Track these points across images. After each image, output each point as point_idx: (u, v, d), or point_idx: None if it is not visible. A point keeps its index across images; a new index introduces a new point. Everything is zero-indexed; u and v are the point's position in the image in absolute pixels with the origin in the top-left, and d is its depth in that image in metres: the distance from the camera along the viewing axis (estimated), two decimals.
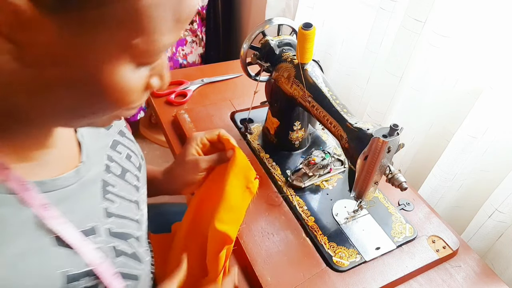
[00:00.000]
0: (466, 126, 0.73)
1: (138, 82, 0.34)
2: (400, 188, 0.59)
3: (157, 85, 0.38)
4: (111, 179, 0.48)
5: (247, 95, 0.98)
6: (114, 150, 0.51)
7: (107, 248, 0.43)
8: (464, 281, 0.65)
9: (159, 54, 0.33)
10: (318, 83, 0.68)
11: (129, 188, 0.51)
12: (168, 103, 0.97)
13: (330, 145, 0.87)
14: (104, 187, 0.46)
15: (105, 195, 0.46)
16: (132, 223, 0.49)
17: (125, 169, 0.52)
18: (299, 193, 0.75)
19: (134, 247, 0.48)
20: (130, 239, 0.47)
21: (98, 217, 0.43)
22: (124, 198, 0.49)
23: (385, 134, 0.55)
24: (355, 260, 0.65)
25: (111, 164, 0.49)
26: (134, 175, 0.53)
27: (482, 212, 0.74)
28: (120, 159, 0.52)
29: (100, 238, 0.42)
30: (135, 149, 0.57)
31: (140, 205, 0.53)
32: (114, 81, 0.31)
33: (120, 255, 0.44)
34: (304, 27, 0.64)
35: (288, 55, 0.74)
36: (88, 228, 0.41)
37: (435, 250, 0.68)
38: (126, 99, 0.33)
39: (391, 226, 0.70)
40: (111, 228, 0.45)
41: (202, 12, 1.68)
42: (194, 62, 1.80)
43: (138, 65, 0.33)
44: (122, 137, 0.55)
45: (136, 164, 0.55)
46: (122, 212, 0.48)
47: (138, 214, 0.51)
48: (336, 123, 0.64)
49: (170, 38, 0.32)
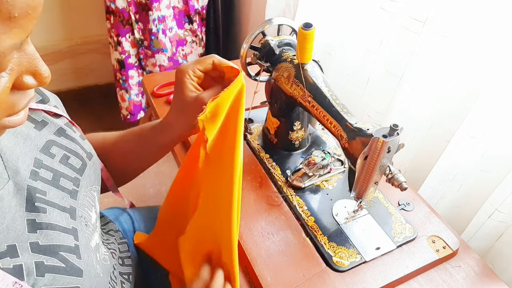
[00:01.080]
0: (466, 126, 0.73)
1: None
2: (400, 188, 0.59)
3: (33, 83, 0.34)
4: (39, 185, 0.44)
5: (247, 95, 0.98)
6: (45, 154, 0.47)
7: (31, 265, 0.40)
8: (464, 281, 0.65)
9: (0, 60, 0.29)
10: (318, 83, 0.68)
11: (63, 194, 0.47)
12: (168, 103, 0.97)
13: (330, 145, 0.87)
14: (31, 195, 0.43)
15: (32, 204, 0.42)
16: (65, 233, 0.45)
17: (58, 173, 0.48)
18: (299, 193, 0.75)
19: (67, 260, 0.44)
20: (62, 252, 0.43)
21: (19, 233, 0.40)
22: (56, 205, 0.45)
23: (385, 134, 0.55)
24: (355, 260, 0.65)
25: (39, 170, 0.45)
26: (71, 178, 0.49)
27: (482, 212, 0.74)
28: (52, 163, 0.48)
29: (21, 256, 0.39)
30: (77, 148, 0.52)
31: (77, 212, 0.49)
32: None
33: (46, 272, 0.41)
34: (304, 27, 0.64)
35: (288, 55, 0.74)
36: (3, 249, 0.38)
37: (435, 250, 0.68)
38: None
39: (391, 226, 0.70)
40: (36, 242, 0.41)
41: (202, 12, 1.68)
42: None
43: None
44: (59, 136, 0.51)
45: (77, 165, 0.51)
46: (54, 221, 0.44)
47: (72, 223, 0.47)
48: (336, 123, 0.64)
49: (7, 40, 0.28)
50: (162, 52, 1.64)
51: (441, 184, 0.82)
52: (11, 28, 0.28)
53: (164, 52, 1.65)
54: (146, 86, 1.02)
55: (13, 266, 0.38)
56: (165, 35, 1.62)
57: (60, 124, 0.52)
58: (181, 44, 1.71)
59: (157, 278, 0.74)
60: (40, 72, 0.34)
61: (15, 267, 0.38)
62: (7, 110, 0.33)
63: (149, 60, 1.68)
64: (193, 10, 1.65)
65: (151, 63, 1.68)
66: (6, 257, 0.38)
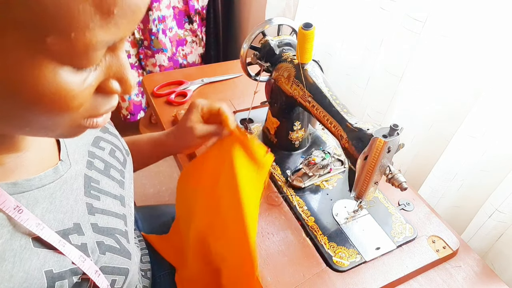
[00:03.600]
0: (466, 126, 0.73)
1: (79, 86, 0.31)
2: (400, 188, 0.59)
3: (117, 89, 0.35)
4: (94, 175, 0.48)
5: (247, 95, 0.99)
6: (96, 147, 0.51)
7: (93, 244, 0.43)
8: (464, 281, 0.65)
9: (89, 53, 0.29)
10: (318, 83, 0.68)
11: (113, 183, 0.51)
12: (168, 103, 0.97)
13: (330, 145, 0.87)
14: (87, 183, 0.46)
15: (88, 191, 0.46)
16: (118, 218, 0.49)
17: (108, 164, 0.51)
18: (299, 193, 0.75)
19: (121, 243, 0.47)
20: (117, 235, 0.47)
21: (81, 214, 0.43)
22: (109, 193, 0.49)
23: (385, 134, 0.55)
24: (355, 260, 0.65)
25: (94, 160, 0.49)
26: (119, 170, 0.53)
27: (482, 212, 0.74)
28: (103, 155, 0.51)
29: (85, 235, 0.42)
30: (119, 144, 0.56)
31: (125, 200, 0.53)
32: (41, 85, 0.29)
33: (107, 251, 0.44)
34: (304, 27, 0.64)
35: (288, 55, 0.74)
36: (70, 226, 0.41)
37: (435, 250, 0.68)
38: (66, 104, 0.31)
39: (391, 226, 0.70)
40: (96, 224, 0.44)
41: (202, 12, 1.68)
42: (194, 62, 1.80)
43: (73, 67, 0.30)
44: (104, 133, 0.54)
45: (121, 159, 0.55)
46: (107, 207, 0.48)
47: (123, 209, 0.51)
48: (336, 123, 0.64)
49: (102, 34, 0.28)
50: (162, 52, 1.64)
51: (441, 184, 0.82)
52: (108, 23, 0.28)
53: (164, 52, 1.65)
54: (146, 86, 1.02)
55: (81, 244, 0.41)
56: (165, 35, 1.62)
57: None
58: (181, 44, 1.71)
59: (159, 277, 0.75)
60: (126, 80, 0.35)
61: (82, 244, 0.41)
62: (89, 110, 0.34)
63: (149, 60, 1.68)
64: (193, 10, 1.65)
65: (151, 63, 1.68)
66: (74, 234, 0.41)
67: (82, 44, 0.28)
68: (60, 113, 0.32)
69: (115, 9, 0.28)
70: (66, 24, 0.26)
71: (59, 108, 0.31)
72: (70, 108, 0.32)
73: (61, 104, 0.31)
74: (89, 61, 0.30)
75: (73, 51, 0.28)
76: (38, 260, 0.36)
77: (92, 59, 0.30)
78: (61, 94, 0.30)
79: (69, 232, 0.40)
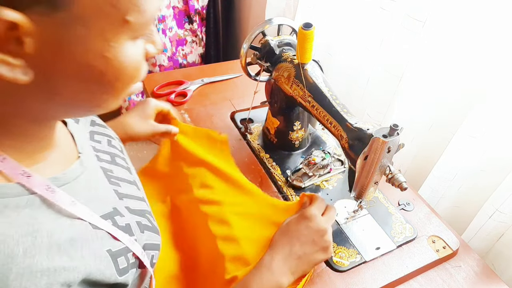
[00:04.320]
0: (466, 126, 0.73)
1: (140, 54, 0.34)
2: (400, 188, 0.59)
3: (153, 52, 0.38)
4: (106, 166, 0.49)
5: (247, 95, 0.98)
6: (94, 141, 0.52)
7: (134, 224, 0.45)
8: (464, 281, 0.65)
9: (152, 22, 0.33)
10: (318, 83, 0.68)
11: (124, 171, 0.52)
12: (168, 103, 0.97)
13: (330, 145, 0.87)
14: (105, 173, 0.47)
15: (109, 179, 0.47)
16: (140, 201, 0.51)
17: (112, 154, 0.52)
18: (299, 193, 0.75)
19: (151, 221, 0.50)
20: (147, 215, 0.49)
21: (114, 199, 0.45)
22: (124, 180, 0.50)
23: (385, 134, 0.55)
24: (355, 260, 0.65)
25: (98, 154, 0.50)
26: (122, 158, 0.54)
27: (483, 212, 0.74)
28: (103, 147, 0.52)
29: (125, 217, 0.44)
30: (111, 133, 0.57)
31: (138, 185, 0.54)
32: (121, 60, 0.32)
33: (145, 230, 0.46)
34: (304, 27, 0.64)
35: (288, 55, 0.74)
36: (110, 210, 0.42)
37: (435, 250, 0.68)
38: (136, 73, 0.34)
39: (391, 226, 0.70)
40: (128, 207, 0.46)
41: (202, 12, 1.68)
42: (194, 62, 1.80)
43: (135, 38, 0.33)
44: (93, 126, 0.55)
45: (118, 147, 0.56)
46: (130, 192, 0.49)
47: (140, 192, 0.53)
48: (336, 123, 0.64)
49: (156, 2, 0.32)
50: (162, 52, 1.64)
51: (441, 184, 0.82)
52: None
53: (164, 52, 1.65)
54: (146, 86, 1.02)
55: (125, 224, 0.43)
56: (165, 35, 1.62)
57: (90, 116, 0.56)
58: (181, 44, 1.71)
59: None
60: (158, 42, 0.38)
61: (126, 225, 0.43)
62: (139, 76, 0.36)
63: (149, 60, 1.68)
64: (193, 10, 1.65)
65: (151, 63, 1.68)
66: (117, 216, 0.43)
67: (150, 15, 0.31)
68: (133, 82, 0.35)
69: None
70: (140, 0, 0.30)
71: (136, 78, 0.34)
72: (140, 75, 0.35)
73: (137, 73, 0.34)
74: (149, 30, 0.34)
75: (144, 23, 0.32)
76: (98, 240, 0.38)
77: (147, 29, 0.34)
78: (137, 65, 0.34)
79: (112, 214, 0.42)
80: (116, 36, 0.30)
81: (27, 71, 0.29)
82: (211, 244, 0.64)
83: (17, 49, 0.27)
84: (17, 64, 0.28)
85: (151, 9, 0.31)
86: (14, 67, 0.28)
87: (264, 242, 0.62)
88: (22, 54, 0.28)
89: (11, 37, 0.26)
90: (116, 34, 0.30)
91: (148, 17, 0.32)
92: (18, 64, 0.28)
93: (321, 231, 0.57)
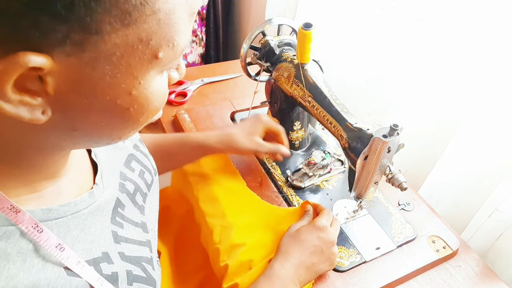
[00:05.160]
0: (466, 126, 0.73)
1: (165, 86, 0.33)
2: (400, 188, 0.59)
3: (177, 77, 0.37)
4: (123, 199, 0.46)
5: (247, 95, 0.98)
6: (128, 167, 0.49)
7: (124, 273, 0.41)
8: (464, 281, 0.65)
9: (182, 54, 0.32)
10: (318, 83, 0.68)
11: (135, 210, 0.49)
12: (168, 103, 0.97)
13: (330, 145, 0.87)
14: (115, 209, 0.44)
15: (114, 218, 0.44)
16: (142, 246, 0.47)
17: (137, 187, 0.50)
18: (299, 193, 0.75)
19: (147, 271, 0.45)
20: (143, 263, 0.45)
21: (108, 242, 0.41)
22: (131, 221, 0.47)
23: (385, 134, 0.55)
24: (355, 260, 0.65)
25: (125, 183, 0.47)
26: (143, 193, 0.51)
27: (482, 212, 0.74)
28: (133, 176, 0.49)
29: (115, 264, 0.40)
30: (149, 164, 0.55)
31: (147, 226, 0.50)
32: (148, 97, 0.30)
33: (134, 281, 0.42)
34: (304, 27, 0.64)
35: (288, 55, 0.74)
36: (99, 255, 0.39)
37: (435, 250, 0.68)
38: (160, 106, 0.33)
39: (391, 226, 0.70)
40: (123, 252, 0.42)
41: (202, 12, 1.68)
42: (194, 62, 1.80)
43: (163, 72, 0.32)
44: (136, 151, 0.53)
45: (148, 180, 0.53)
46: (130, 236, 0.45)
47: (146, 235, 0.49)
48: (336, 123, 0.64)
49: (188, 33, 0.31)
50: None
51: (441, 184, 0.82)
52: (190, 23, 0.30)
53: None
54: None
55: (111, 273, 0.39)
56: None
57: (135, 140, 0.54)
58: None
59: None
60: (182, 67, 0.37)
61: (113, 274, 0.39)
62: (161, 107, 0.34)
63: None
64: None
65: None
66: (104, 262, 0.39)
67: (181, 49, 0.30)
68: (155, 114, 0.33)
69: (197, 7, 0.30)
70: (173, 34, 0.28)
71: (158, 109, 0.33)
72: (161, 107, 0.33)
73: (162, 105, 0.33)
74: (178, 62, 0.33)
75: (174, 58, 0.30)
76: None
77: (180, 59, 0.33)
78: (163, 98, 0.33)
79: (99, 260, 0.38)
80: (145, 73, 0.29)
81: (46, 110, 0.27)
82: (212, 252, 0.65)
83: (37, 88, 0.26)
84: (37, 104, 0.26)
85: (182, 43, 0.30)
86: (33, 107, 0.26)
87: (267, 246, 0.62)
88: (42, 92, 0.26)
89: (33, 77, 0.25)
90: (145, 71, 0.29)
91: (179, 52, 0.30)
92: (37, 104, 0.26)
93: (331, 242, 0.59)
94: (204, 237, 0.69)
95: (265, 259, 0.60)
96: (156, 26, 0.27)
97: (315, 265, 0.58)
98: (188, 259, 0.74)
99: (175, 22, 0.28)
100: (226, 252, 0.62)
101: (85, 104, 0.28)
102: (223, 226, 0.65)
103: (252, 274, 0.58)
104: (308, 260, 0.57)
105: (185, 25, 0.29)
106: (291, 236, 0.60)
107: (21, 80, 0.25)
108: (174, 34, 0.28)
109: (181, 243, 0.76)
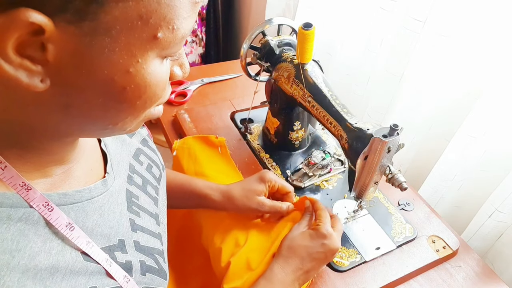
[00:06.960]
0: (466, 126, 0.73)
1: (165, 74, 0.33)
2: (400, 188, 0.59)
3: (179, 74, 0.37)
4: (134, 190, 0.46)
5: (247, 95, 0.98)
6: (136, 160, 0.50)
7: (137, 263, 0.41)
8: (464, 281, 0.65)
9: (182, 41, 0.32)
10: (318, 83, 0.68)
11: (150, 200, 0.49)
12: (168, 103, 0.97)
13: (330, 145, 0.87)
14: (129, 198, 0.45)
15: (130, 206, 0.44)
16: (155, 237, 0.47)
17: (146, 180, 0.50)
18: (299, 193, 0.75)
19: (159, 263, 0.46)
20: (156, 254, 0.46)
21: (125, 230, 0.42)
22: (146, 211, 0.47)
23: (385, 134, 0.55)
24: (355, 260, 0.65)
25: (133, 175, 0.47)
26: (154, 186, 0.52)
27: (482, 212, 0.74)
28: (141, 170, 0.50)
29: (129, 253, 0.41)
30: (156, 159, 0.55)
31: (159, 219, 0.51)
32: (146, 78, 0.30)
33: (147, 272, 0.43)
34: (304, 27, 0.64)
35: (288, 55, 0.74)
36: (115, 242, 0.40)
37: (435, 250, 0.68)
38: (158, 93, 0.33)
39: (391, 226, 0.70)
40: (138, 242, 0.43)
41: (202, 12, 1.68)
42: (194, 62, 1.80)
43: (164, 58, 0.32)
44: (144, 146, 0.53)
45: (157, 175, 0.53)
46: (146, 225, 0.46)
47: (158, 228, 0.49)
48: (336, 123, 0.64)
49: (190, 22, 0.31)
50: None
51: (441, 184, 0.82)
52: (193, 11, 0.31)
53: None
54: None
55: (125, 262, 0.40)
56: None
57: (144, 135, 0.55)
58: None
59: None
60: (185, 64, 0.37)
61: (127, 262, 0.40)
62: (161, 97, 0.34)
63: None
64: None
65: None
66: (118, 251, 0.40)
67: (181, 35, 0.30)
68: (154, 103, 0.33)
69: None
70: (173, 18, 0.29)
71: (157, 98, 0.33)
72: (161, 96, 0.33)
73: (160, 93, 0.33)
74: (178, 50, 0.32)
75: (173, 42, 0.30)
76: (86, 275, 0.35)
77: (181, 47, 0.33)
78: (161, 85, 0.32)
79: (114, 248, 0.39)
80: (144, 52, 0.29)
81: (45, 79, 0.28)
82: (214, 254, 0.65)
83: (38, 55, 0.26)
84: (36, 71, 0.27)
85: (183, 29, 0.30)
86: (32, 73, 0.27)
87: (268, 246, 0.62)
88: (42, 61, 0.27)
89: (34, 42, 0.26)
90: (144, 50, 0.29)
91: (179, 37, 0.30)
92: (37, 71, 0.27)
93: (335, 250, 0.59)
94: (205, 237, 0.69)
95: (265, 258, 0.60)
96: (156, 4, 0.27)
97: (315, 269, 0.59)
98: (189, 259, 0.74)
99: (175, 4, 0.28)
100: (228, 252, 0.62)
101: (82, 78, 0.29)
102: (225, 226, 0.65)
103: (252, 276, 0.58)
104: (309, 265, 0.58)
105: (186, 11, 0.30)
106: (294, 239, 0.60)
107: (23, 44, 0.25)
108: (174, 17, 0.29)
109: (181, 243, 0.76)
